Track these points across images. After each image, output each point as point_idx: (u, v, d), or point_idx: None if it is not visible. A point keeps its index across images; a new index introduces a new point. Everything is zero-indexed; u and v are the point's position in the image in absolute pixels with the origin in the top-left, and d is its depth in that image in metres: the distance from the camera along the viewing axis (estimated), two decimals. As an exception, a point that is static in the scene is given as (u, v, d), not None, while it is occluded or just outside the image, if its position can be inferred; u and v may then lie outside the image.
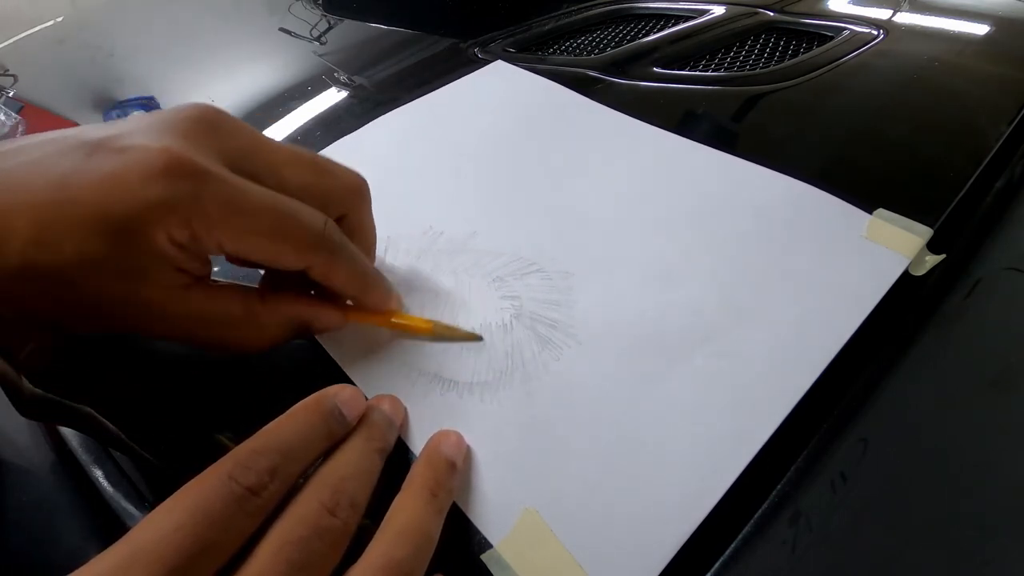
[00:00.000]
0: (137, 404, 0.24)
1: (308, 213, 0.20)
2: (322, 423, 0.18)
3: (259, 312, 0.21)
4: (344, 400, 0.19)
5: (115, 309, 0.19)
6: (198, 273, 0.20)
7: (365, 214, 0.24)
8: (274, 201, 0.19)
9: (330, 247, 0.21)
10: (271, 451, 0.16)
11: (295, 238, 0.20)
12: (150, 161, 0.18)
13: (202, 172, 0.18)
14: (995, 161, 0.29)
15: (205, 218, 0.18)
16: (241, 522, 0.15)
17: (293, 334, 0.22)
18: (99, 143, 0.18)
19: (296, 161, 0.21)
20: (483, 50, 0.43)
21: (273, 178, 0.20)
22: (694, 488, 0.19)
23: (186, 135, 0.19)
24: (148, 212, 0.17)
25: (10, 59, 0.51)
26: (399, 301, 0.24)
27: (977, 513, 0.19)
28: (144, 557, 0.14)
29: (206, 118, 0.20)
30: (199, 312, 0.20)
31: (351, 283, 0.22)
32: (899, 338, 0.22)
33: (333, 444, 0.18)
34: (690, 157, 0.30)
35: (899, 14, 0.42)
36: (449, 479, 0.19)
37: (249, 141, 0.20)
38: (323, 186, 0.21)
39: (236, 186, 0.19)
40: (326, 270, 0.21)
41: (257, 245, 0.19)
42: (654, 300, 0.24)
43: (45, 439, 0.27)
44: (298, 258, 0.20)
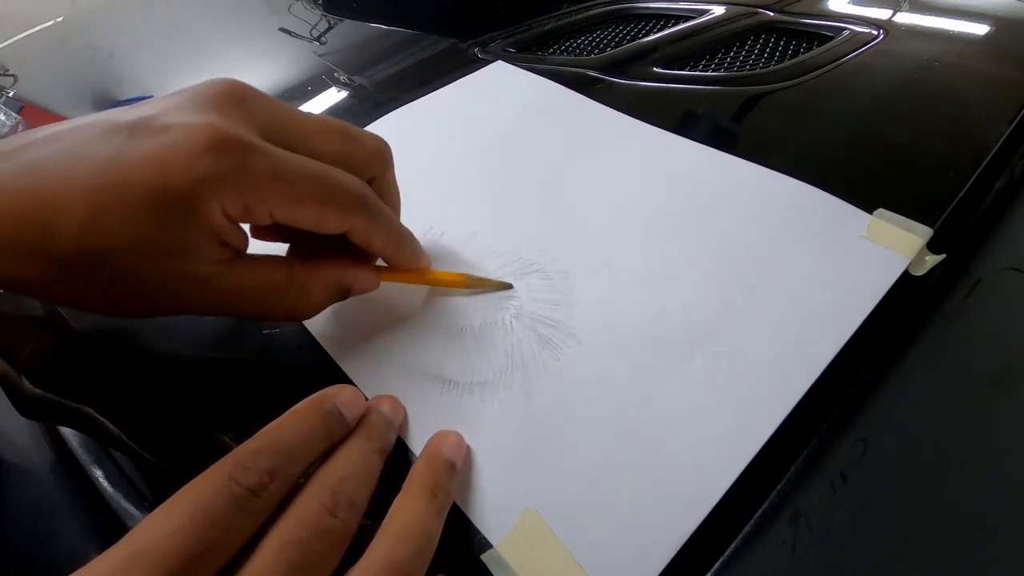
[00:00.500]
0: (137, 404, 0.24)
1: (346, 177, 0.21)
2: (322, 424, 0.18)
3: (303, 277, 0.22)
4: (344, 401, 0.19)
5: (162, 289, 0.19)
6: (240, 247, 0.21)
7: (391, 177, 0.24)
8: (316, 168, 0.20)
9: (370, 208, 0.21)
10: (271, 452, 0.17)
11: (338, 201, 0.20)
12: (196, 137, 0.18)
13: (246, 144, 0.18)
14: (995, 161, 0.29)
15: (255, 188, 0.18)
16: (241, 523, 0.15)
17: (336, 297, 0.23)
18: (137, 124, 0.18)
19: (325, 129, 0.22)
20: (483, 50, 0.43)
21: (305, 146, 0.21)
22: (694, 488, 0.19)
23: (221, 109, 0.19)
24: (201, 187, 0.18)
25: (10, 59, 0.51)
26: (428, 260, 0.25)
27: (977, 513, 0.19)
28: (144, 558, 0.14)
29: (235, 92, 0.20)
30: (247, 283, 0.21)
31: (388, 242, 0.23)
32: (899, 338, 0.22)
33: (333, 445, 0.18)
34: (690, 157, 0.30)
35: (899, 14, 0.42)
36: (449, 479, 0.19)
37: (279, 112, 0.21)
38: (352, 152, 0.22)
39: (278, 156, 0.19)
40: (367, 230, 0.21)
41: (305, 211, 0.20)
42: (654, 300, 0.24)
43: (45, 439, 0.27)
44: (342, 220, 0.21)
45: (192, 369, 0.24)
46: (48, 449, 0.27)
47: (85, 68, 0.48)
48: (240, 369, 0.24)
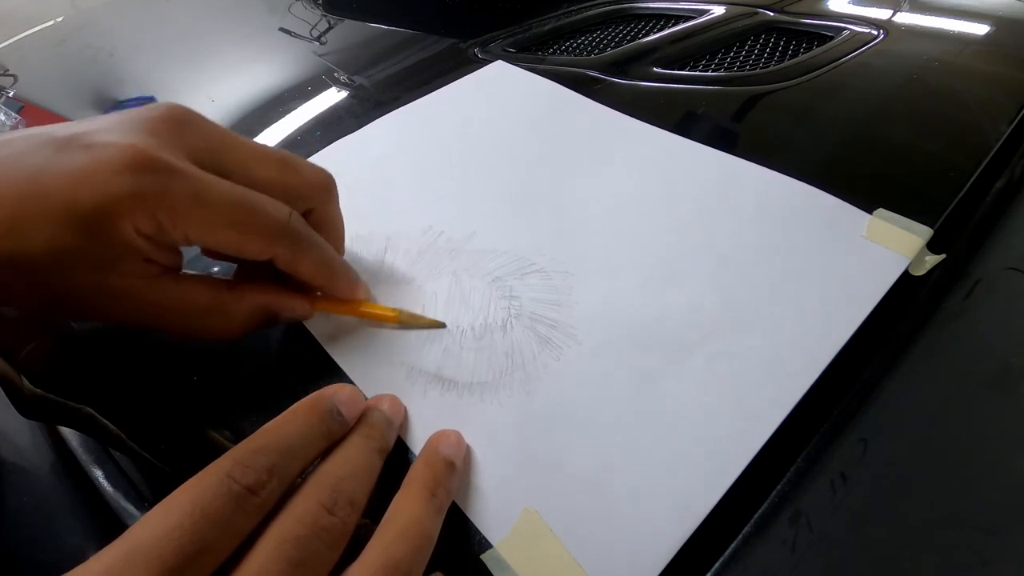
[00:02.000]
0: (137, 404, 0.24)
1: (273, 205, 0.21)
2: (320, 423, 0.18)
3: (226, 301, 0.22)
4: (342, 400, 0.19)
5: (87, 298, 0.20)
6: (168, 264, 0.21)
7: (332, 208, 0.24)
8: (239, 194, 0.20)
9: (295, 237, 0.21)
10: (270, 450, 0.17)
11: (260, 228, 0.20)
12: (117, 156, 0.18)
13: (167, 167, 0.19)
14: (995, 161, 0.29)
15: (171, 210, 0.19)
16: (239, 521, 0.15)
17: (262, 322, 0.23)
18: (68, 139, 0.19)
19: (263, 158, 0.22)
20: (483, 50, 0.43)
21: (241, 174, 0.21)
22: (694, 488, 0.19)
23: (153, 132, 0.20)
24: (114, 204, 0.18)
25: (10, 59, 0.51)
26: (367, 291, 0.25)
27: (977, 513, 0.19)
28: (142, 556, 0.14)
29: (174, 116, 0.21)
30: (168, 301, 0.21)
31: (317, 272, 0.22)
32: (899, 338, 0.22)
33: (332, 443, 0.19)
34: (690, 157, 0.30)
35: (899, 14, 0.42)
36: (448, 479, 0.19)
37: (217, 139, 0.21)
38: (290, 182, 0.22)
39: (201, 180, 0.19)
40: (291, 259, 0.21)
41: (223, 236, 0.20)
42: (654, 300, 0.24)
43: (45, 439, 0.27)
44: (264, 248, 0.21)
45: (192, 369, 0.24)
46: (48, 449, 0.27)
47: (85, 68, 0.48)
48: (240, 369, 0.24)
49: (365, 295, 0.24)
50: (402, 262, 0.27)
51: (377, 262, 0.27)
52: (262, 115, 0.39)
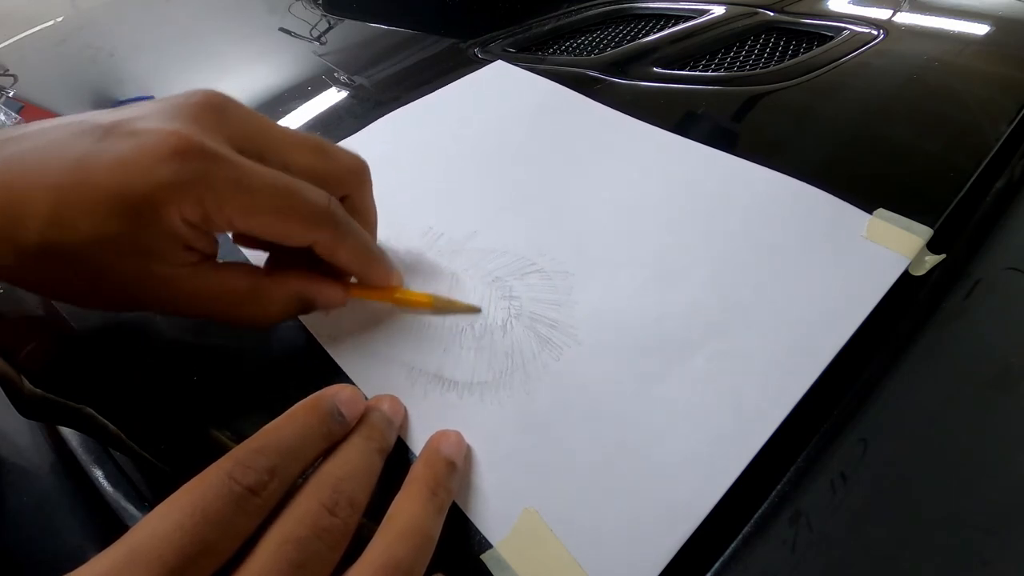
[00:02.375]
0: (137, 404, 0.24)
1: (313, 191, 0.21)
2: (321, 423, 0.18)
3: (265, 288, 0.22)
4: (343, 400, 0.19)
5: (128, 286, 0.20)
6: (207, 252, 0.21)
7: (366, 195, 0.24)
8: (281, 180, 0.20)
9: (335, 223, 0.21)
10: (270, 451, 0.17)
11: (302, 214, 0.21)
12: (162, 143, 0.18)
13: (211, 153, 0.19)
14: (995, 161, 0.29)
15: (216, 197, 0.19)
16: (240, 522, 0.15)
17: (297, 310, 0.23)
18: (111, 127, 0.19)
19: (300, 144, 0.22)
20: (483, 50, 0.43)
21: (278, 160, 0.21)
22: (694, 488, 0.19)
23: (195, 119, 0.20)
24: (161, 192, 0.18)
25: (10, 59, 0.51)
26: (400, 278, 0.25)
27: (977, 513, 0.19)
28: (143, 557, 0.14)
29: (213, 103, 0.21)
30: (208, 288, 0.21)
31: (355, 259, 0.23)
32: (899, 338, 0.22)
33: (332, 444, 0.19)
34: (690, 157, 0.30)
35: (899, 14, 0.42)
36: (448, 479, 0.19)
37: (255, 125, 0.21)
38: (326, 168, 0.22)
39: (244, 166, 0.19)
40: (332, 245, 0.22)
41: (266, 222, 0.20)
42: (654, 300, 0.24)
43: (45, 439, 0.27)
44: (305, 234, 0.21)
45: (192, 369, 0.24)
46: (48, 449, 0.27)
47: (85, 68, 0.48)
48: (241, 369, 0.24)
49: (399, 282, 0.25)
50: (402, 261, 0.27)
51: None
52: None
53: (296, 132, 0.22)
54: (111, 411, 0.23)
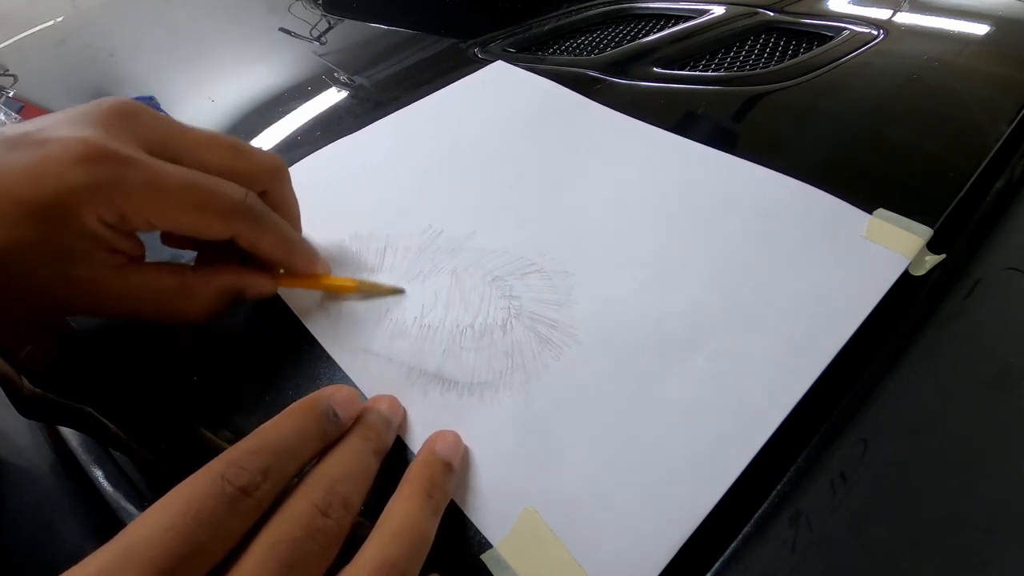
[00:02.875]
0: (137, 404, 0.24)
1: (229, 186, 0.22)
2: (316, 424, 0.18)
3: (192, 283, 0.23)
4: (338, 401, 0.19)
5: (54, 290, 0.21)
6: (132, 253, 0.22)
7: (285, 189, 0.25)
8: (194, 177, 0.21)
9: (253, 215, 0.22)
10: (264, 451, 0.17)
11: (218, 208, 0.21)
12: (71, 149, 0.19)
13: (120, 157, 0.19)
14: (995, 161, 0.29)
15: (129, 197, 0.19)
16: (233, 522, 0.15)
17: (228, 303, 0.24)
18: (19, 138, 0.19)
19: (214, 144, 0.23)
20: (483, 50, 0.43)
21: (194, 161, 0.22)
22: (694, 488, 0.19)
23: (104, 125, 0.20)
24: (72, 196, 0.19)
25: (10, 59, 0.51)
26: (325, 266, 0.26)
27: (977, 513, 0.19)
28: (135, 557, 0.14)
29: (123, 110, 0.21)
30: (136, 288, 0.22)
31: (278, 248, 0.23)
32: (899, 338, 0.22)
33: (328, 445, 0.19)
34: (690, 157, 0.30)
35: (899, 14, 0.42)
36: (445, 479, 0.19)
37: (168, 128, 0.22)
38: (241, 166, 0.23)
39: (155, 166, 0.20)
40: (252, 236, 0.22)
41: (183, 218, 0.21)
42: (654, 300, 0.24)
43: (45, 439, 0.27)
44: (224, 226, 0.22)
45: (192, 369, 0.24)
46: (48, 449, 0.27)
47: (85, 68, 0.48)
48: (240, 369, 0.24)
49: (324, 269, 0.26)
50: (401, 260, 0.27)
51: (376, 260, 0.27)
52: (262, 115, 0.39)
53: (211, 133, 0.23)
54: (111, 411, 0.23)
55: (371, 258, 0.27)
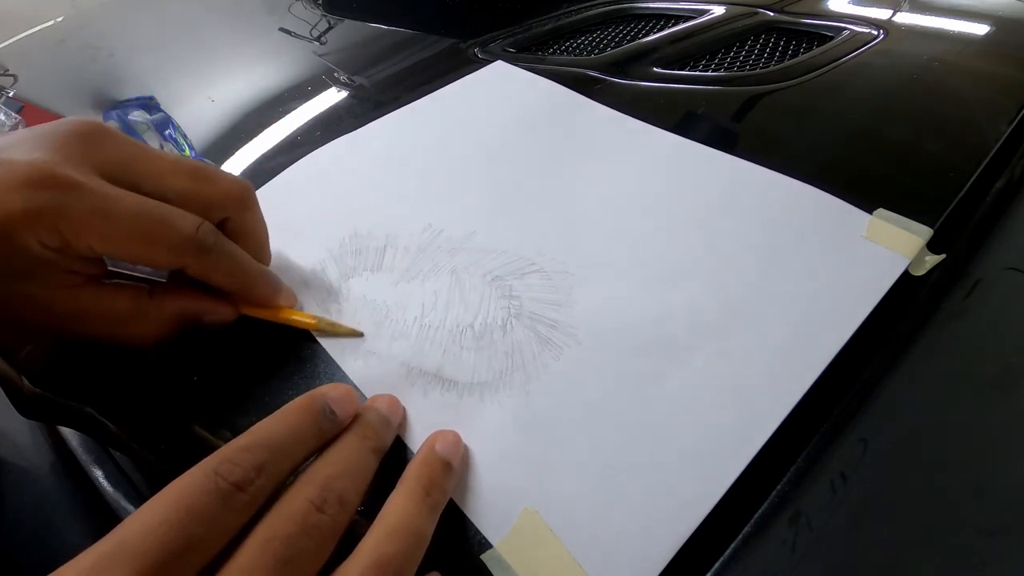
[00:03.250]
0: (137, 404, 0.24)
1: (180, 217, 0.21)
2: (312, 422, 0.18)
3: (146, 308, 0.23)
4: (335, 399, 0.19)
5: (14, 305, 0.21)
6: (90, 272, 0.22)
7: (249, 217, 0.25)
8: (143, 207, 0.21)
9: (203, 249, 0.22)
10: (258, 448, 0.17)
11: (165, 240, 0.21)
12: (16, 173, 0.19)
13: (67, 182, 0.19)
14: (995, 161, 0.29)
15: (71, 224, 0.19)
16: (226, 518, 0.15)
17: (183, 326, 0.24)
18: None
19: (177, 170, 0.22)
20: (483, 50, 0.43)
21: (154, 187, 0.22)
22: (694, 488, 0.19)
23: (60, 148, 0.20)
24: (12, 220, 0.19)
25: (10, 59, 0.51)
26: (289, 296, 0.25)
27: (977, 513, 0.19)
28: (129, 551, 0.14)
29: (83, 132, 0.21)
30: (89, 309, 0.22)
31: (232, 281, 0.23)
32: (899, 338, 0.22)
33: (325, 443, 0.19)
34: (690, 157, 0.30)
35: (899, 14, 0.42)
36: (444, 478, 0.19)
37: (128, 152, 0.22)
38: (204, 192, 0.23)
39: (104, 194, 0.20)
40: (202, 269, 0.22)
41: (128, 248, 0.21)
42: (654, 300, 0.24)
43: (45, 439, 0.27)
44: (172, 259, 0.21)
45: (192, 369, 0.24)
46: (48, 449, 0.27)
47: (85, 68, 0.48)
48: (240, 369, 0.24)
49: (287, 301, 0.25)
50: (401, 259, 0.27)
51: (376, 259, 0.27)
52: (262, 115, 0.39)
53: (175, 157, 0.23)
54: (111, 411, 0.23)
55: (371, 257, 0.27)
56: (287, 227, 0.29)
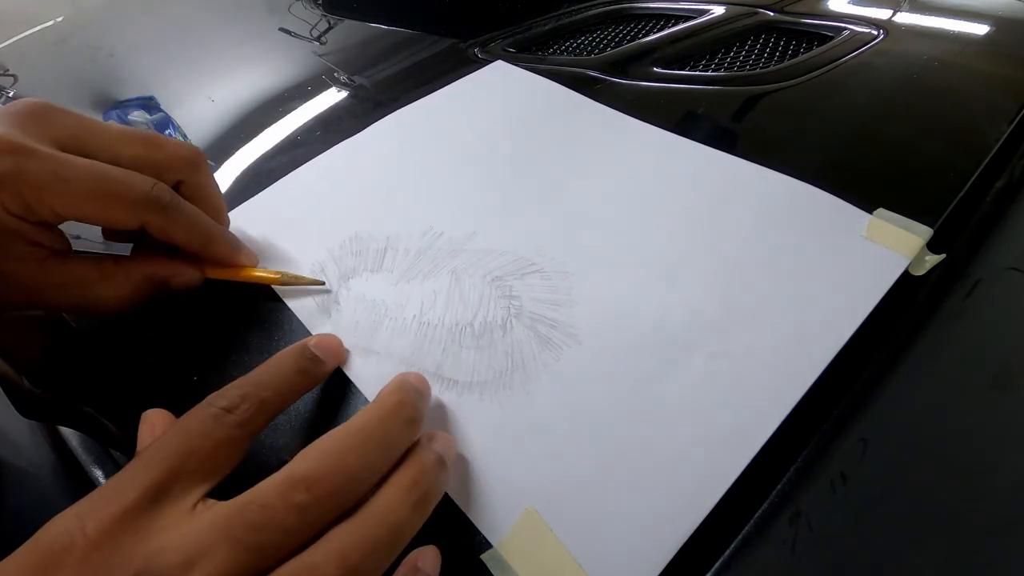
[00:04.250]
0: (137, 404, 0.23)
1: (136, 177, 0.22)
2: (292, 360, 0.21)
3: (112, 272, 0.24)
4: (315, 343, 0.22)
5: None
6: (54, 246, 0.23)
7: (202, 179, 0.26)
8: (99, 168, 0.22)
9: (160, 205, 0.23)
10: (244, 383, 0.19)
11: (124, 198, 0.22)
12: None
13: (26, 148, 0.20)
14: (995, 161, 0.29)
15: (33, 187, 0.20)
16: (219, 432, 0.18)
17: (151, 291, 0.25)
18: None
19: (128, 137, 0.23)
20: (483, 50, 0.43)
21: (106, 154, 0.23)
22: (694, 488, 0.19)
23: (14, 123, 0.21)
24: None
25: (10, 59, 0.51)
26: (251, 256, 0.26)
27: (977, 513, 0.19)
28: (146, 463, 0.17)
29: (34, 109, 0.22)
30: (55, 280, 0.23)
31: (191, 238, 0.24)
32: (899, 338, 0.22)
33: (308, 379, 0.21)
34: (690, 157, 0.30)
35: (899, 14, 0.42)
36: (435, 472, 0.18)
37: (80, 124, 0.23)
38: (155, 157, 0.24)
39: (60, 158, 0.21)
40: (162, 225, 0.23)
41: (88, 207, 0.22)
42: (654, 300, 0.24)
43: (45, 439, 0.27)
44: (131, 215, 0.22)
45: (192, 369, 0.24)
46: (48, 449, 0.27)
47: (85, 68, 0.48)
48: (241, 369, 0.24)
49: (249, 260, 0.26)
50: (401, 261, 0.27)
51: (376, 260, 0.27)
52: (262, 115, 0.39)
53: (123, 128, 0.24)
54: (111, 411, 0.23)
55: (371, 258, 0.27)
56: (288, 228, 0.29)
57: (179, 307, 0.26)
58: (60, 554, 0.15)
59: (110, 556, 0.15)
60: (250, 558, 0.15)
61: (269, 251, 0.28)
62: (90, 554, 0.15)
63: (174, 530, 0.16)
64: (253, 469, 0.18)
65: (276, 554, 0.15)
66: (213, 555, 0.15)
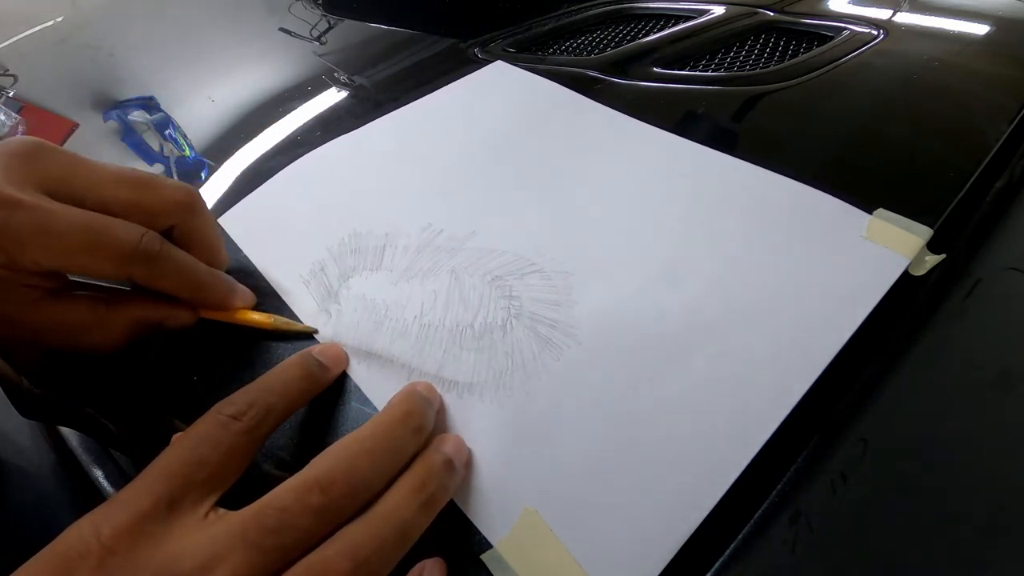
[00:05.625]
0: (137, 404, 0.24)
1: (123, 228, 0.22)
2: (297, 367, 0.21)
3: (103, 317, 0.23)
4: (319, 351, 0.22)
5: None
6: (48, 286, 0.22)
7: (197, 223, 0.25)
8: (85, 220, 0.21)
9: (148, 256, 0.22)
10: (251, 390, 0.19)
11: (109, 251, 0.21)
12: None
13: (7, 201, 0.20)
14: (995, 161, 0.29)
15: (15, 241, 0.20)
16: (227, 439, 0.18)
17: (145, 333, 0.24)
18: None
19: (119, 181, 0.23)
20: (483, 50, 0.43)
21: (96, 199, 0.22)
22: (694, 488, 0.19)
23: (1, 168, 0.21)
24: None
25: (10, 59, 0.51)
26: (245, 297, 0.26)
27: (977, 513, 0.19)
28: (158, 474, 0.17)
29: (23, 151, 0.22)
30: (47, 322, 0.22)
31: (181, 287, 0.23)
32: (899, 338, 0.22)
33: (313, 384, 0.21)
34: (690, 157, 0.30)
35: (899, 14, 0.42)
36: (444, 474, 0.19)
37: (69, 168, 0.22)
38: (146, 201, 0.23)
39: (46, 210, 0.20)
40: (149, 278, 0.23)
41: (72, 261, 0.21)
42: (654, 300, 0.24)
43: (45, 439, 0.27)
44: (117, 269, 0.22)
45: (192, 369, 0.24)
46: (48, 449, 0.27)
47: (85, 68, 0.48)
48: (241, 369, 0.24)
49: (244, 302, 0.25)
50: (400, 259, 0.27)
51: (376, 258, 0.27)
52: (262, 115, 0.39)
53: (116, 168, 0.23)
54: (111, 411, 0.23)
55: (370, 256, 0.27)
56: (286, 226, 0.29)
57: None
58: (76, 560, 0.15)
59: (126, 561, 0.16)
60: (266, 560, 0.16)
61: (268, 250, 0.28)
62: (106, 559, 0.15)
63: (189, 537, 0.16)
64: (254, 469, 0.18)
65: (291, 555, 0.16)
66: (229, 559, 0.15)
